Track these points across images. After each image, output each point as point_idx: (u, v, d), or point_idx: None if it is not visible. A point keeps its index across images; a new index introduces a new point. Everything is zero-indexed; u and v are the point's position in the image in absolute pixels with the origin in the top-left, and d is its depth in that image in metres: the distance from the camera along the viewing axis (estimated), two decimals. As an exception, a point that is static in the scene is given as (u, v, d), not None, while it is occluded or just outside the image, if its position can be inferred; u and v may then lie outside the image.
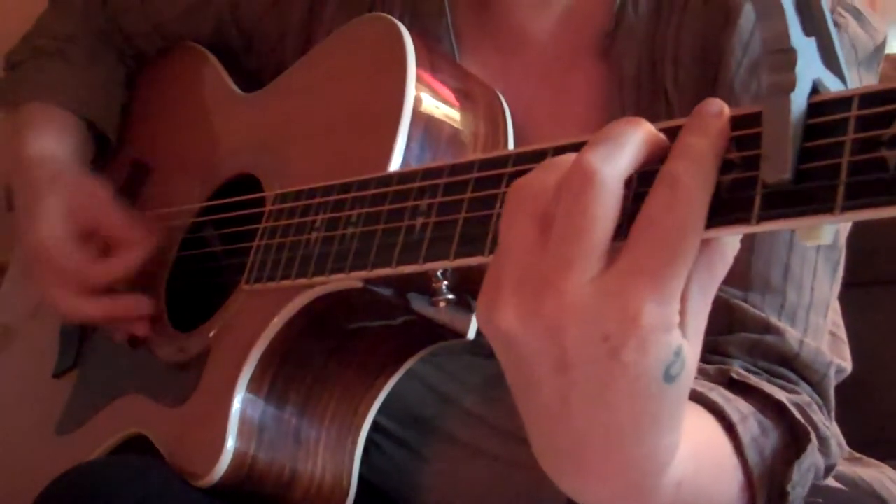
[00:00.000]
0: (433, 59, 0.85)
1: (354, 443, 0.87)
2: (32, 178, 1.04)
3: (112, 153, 1.17)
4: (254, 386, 0.83)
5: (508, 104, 0.88)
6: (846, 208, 0.46)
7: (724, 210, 0.49)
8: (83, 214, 1.01)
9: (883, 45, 0.88)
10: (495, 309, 0.52)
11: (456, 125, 0.83)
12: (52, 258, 0.99)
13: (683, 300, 0.51)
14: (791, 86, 0.47)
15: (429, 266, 0.66)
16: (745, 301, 0.82)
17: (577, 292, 0.49)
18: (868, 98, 0.46)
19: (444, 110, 0.83)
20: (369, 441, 0.93)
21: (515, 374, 0.54)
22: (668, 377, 0.51)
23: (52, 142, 1.08)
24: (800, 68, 0.48)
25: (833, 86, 0.50)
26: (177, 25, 1.13)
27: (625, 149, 0.51)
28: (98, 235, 1.01)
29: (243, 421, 0.82)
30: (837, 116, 0.47)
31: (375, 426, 0.95)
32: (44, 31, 1.17)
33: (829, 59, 0.50)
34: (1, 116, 1.15)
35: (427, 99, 0.82)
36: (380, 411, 0.89)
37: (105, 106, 1.14)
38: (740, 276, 0.82)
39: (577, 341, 0.50)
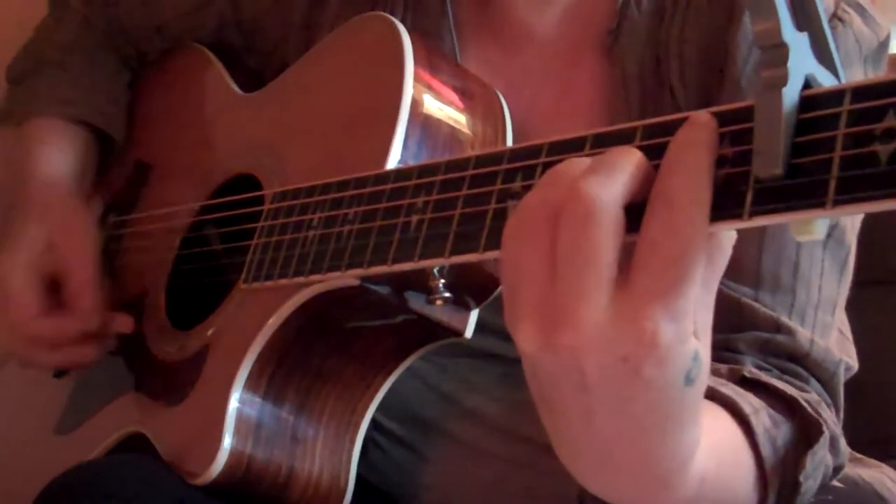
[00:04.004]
0: (431, 57, 0.85)
1: (352, 441, 0.87)
2: (31, 203, 1.05)
3: (117, 153, 1.17)
4: (251, 384, 0.83)
5: (511, 102, 0.88)
6: (838, 203, 0.45)
7: (716, 205, 0.49)
8: (59, 256, 1.02)
9: (887, 40, 0.88)
10: (515, 330, 0.52)
11: (454, 124, 0.83)
12: (8, 299, 1.00)
13: None
14: (783, 81, 0.47)
15: (424, 263, 0.66)
16: (756, 300, 0.82)
17: (593, 321, 0.50)
18: (860, 92, 0.46)
19: (442, 109, 0.83)
20: (370, 440, 0.93)
21: (538, 389, 0.55)
22: (689, 381, 0.52)
23: (56, 156, 1.09)
24: (792, 63, 0.47)
25: (827, 81, 0.50)
26: (178, 26, 1.13)
27: (619, 175, 0.51)
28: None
29: (240, 419, 0.82)
30: (829, 111, 0.47)
31: (376, 426, 0.95)
32: (44, 41, 1.18)
33: (823, 54, 0.50)
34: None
35: (425, 98, 0.82)
36: (381, 411, 0.89)
37: (109, 109, 1.14)
38: (750, 273, 0.82)
39: (596, 366, 0.50)
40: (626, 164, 0.51)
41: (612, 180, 0.50)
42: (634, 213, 0.51)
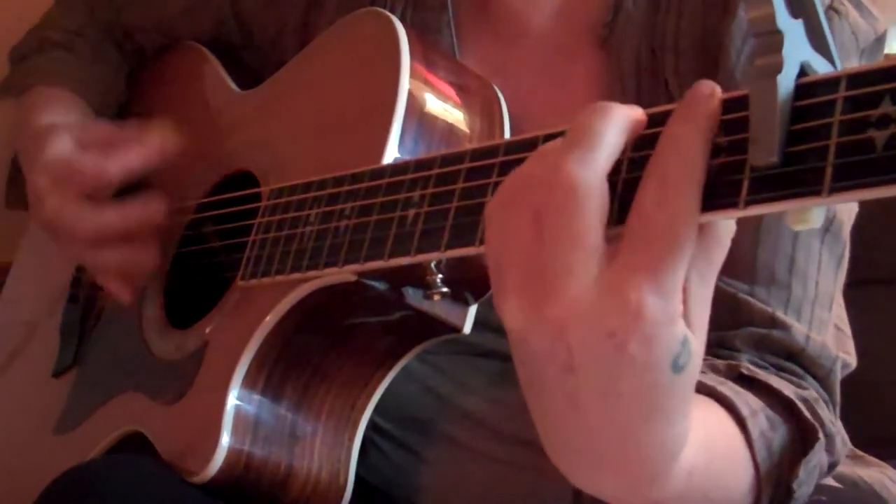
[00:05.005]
0: (428, 53, 0.85)
1: (351, 439, 0.86)
2: (37, 136, 1.01)
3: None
4: (249, 382, 0.83)
5: (508, 97, 0.88)
6: (834, 190, 0.45)
7: (712, 195, 0.49)
8: (89, 133, 0.99)
9: (884, 35, 0.88)
10: (503, 304, 0.52)
11: (451, 119, 0.83)
12: (57, 170, 0.95)
13: (684, 289, 0.51)
14: (777, 68, 0.47)
15: (420, 258, 0.66)
16: (751, 295, 0.82)
17: (579, 294, 0.50)
18: (856, 79, 0.46)
19: (439, 104, 0.83)
20: (369, 442, 0.92)
21: (525, 371, 0.54)
22: (676, 367, 0.51)
23: (59, 116, 1.06)
24: (787, 50, 0.47)
25: (822, 69, 0.49)
26: (178, 22, 1.13)
27: (600, 147, 0.51)
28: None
29: (238, 417, 0.82)
30: (825, 98, 0.47)
31: (375, 427, 0.95)
32: (51, 24, 1.17)
33: (818, 41, 0.50)
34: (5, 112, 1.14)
35: (421, 93, 0.82)
36: (379, 413, 0.89)
37: (106, 100, 1.14)
38: (746, 268, 0.82)
39: (581, 341, 0.50)
40: (606, 131, 0.51)
41: (592, 154, 0.51)
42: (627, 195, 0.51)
